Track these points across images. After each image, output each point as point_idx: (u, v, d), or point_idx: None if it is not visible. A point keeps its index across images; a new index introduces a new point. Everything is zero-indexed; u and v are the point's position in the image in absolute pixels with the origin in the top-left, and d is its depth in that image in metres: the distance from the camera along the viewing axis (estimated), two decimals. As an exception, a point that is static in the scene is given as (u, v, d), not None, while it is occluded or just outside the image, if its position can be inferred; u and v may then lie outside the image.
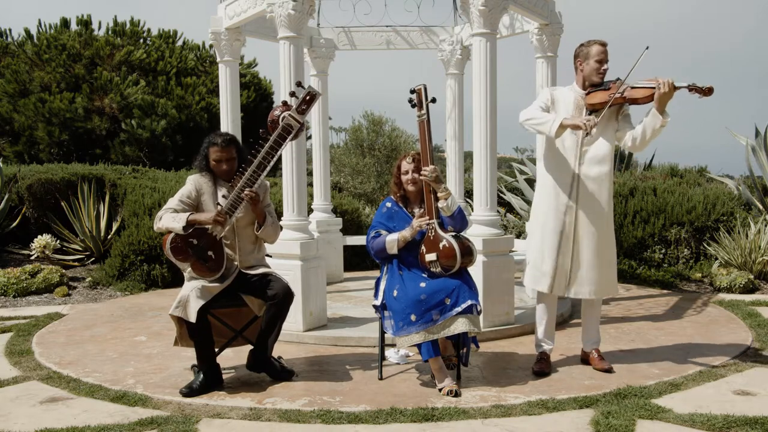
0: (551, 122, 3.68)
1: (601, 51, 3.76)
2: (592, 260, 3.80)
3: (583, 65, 3.82)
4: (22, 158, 11.33)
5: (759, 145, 8.08)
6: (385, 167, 12.36)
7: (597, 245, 3.80)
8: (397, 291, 3.61)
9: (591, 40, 3.83)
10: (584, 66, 3.81)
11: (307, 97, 3.58)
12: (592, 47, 3.78)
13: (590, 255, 3.80)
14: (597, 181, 3.79)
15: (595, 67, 3.77)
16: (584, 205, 3.79)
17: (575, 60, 3.88)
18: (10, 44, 12.58)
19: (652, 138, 3.65)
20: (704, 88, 3.46)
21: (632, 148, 3.77)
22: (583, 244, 3.80)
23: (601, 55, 3.76)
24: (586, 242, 3.79)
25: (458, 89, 6.90)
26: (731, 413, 3.13)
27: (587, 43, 3.82)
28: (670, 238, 7.21)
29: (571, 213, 3.80)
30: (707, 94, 3.48)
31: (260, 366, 3.80)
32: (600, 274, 3.82)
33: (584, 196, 3.79)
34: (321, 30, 6.91)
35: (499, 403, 3.37)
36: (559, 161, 3.84)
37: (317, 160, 6.97)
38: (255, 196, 3.60)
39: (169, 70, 12.51)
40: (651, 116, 3.60)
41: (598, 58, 3.76)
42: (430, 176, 3.57)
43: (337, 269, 6.97)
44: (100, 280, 6.88)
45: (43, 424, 3.14)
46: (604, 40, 3.79)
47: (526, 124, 3.80)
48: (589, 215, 3.79)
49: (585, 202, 3.79)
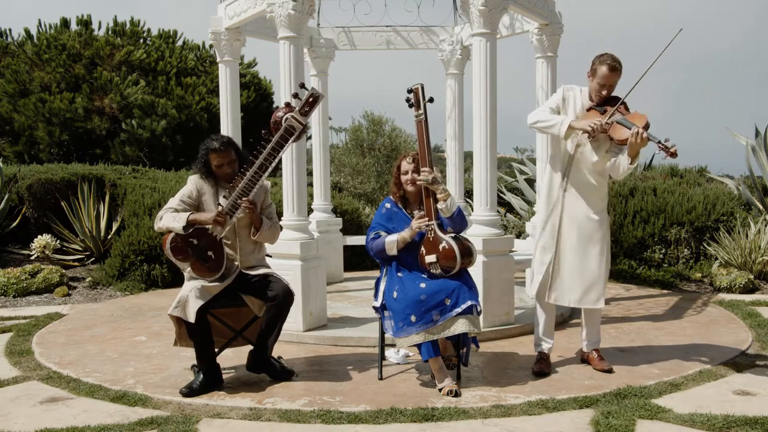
0: (560, 123, 3.69)
1: (606, 75, 3.70)
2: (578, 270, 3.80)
3: (590, 79, 3.82)
4: (22, 158, 11.33)
5: (759, 145, 8.08)
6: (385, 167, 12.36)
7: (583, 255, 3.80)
8: (396, 292, 3.61)
9: (605, 57, 3.72)
10: (591, 80, 3.82)
11: (310, 98, 3.58)
12: (601, 67, 3.72)
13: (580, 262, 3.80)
14: (585, 189, 3.81)
15: (596, 88, 3.78)
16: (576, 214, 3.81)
17: (589, 71, 3.85)
18: (10, 44, 12.58)
19: (623, 176, 3.72)
20: (671, 150, 3.47)
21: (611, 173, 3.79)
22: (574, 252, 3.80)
23: (605, 80, 3.71)
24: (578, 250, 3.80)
25: (458, 89, 6.90)
26: (731, 413, 3.13)
27: (600, 60, 3.73)
28: (670, 238, 7.21)
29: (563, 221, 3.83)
30: (672, 156, 3.51)
31: (260, 366, 3.80)
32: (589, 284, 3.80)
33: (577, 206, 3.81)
34: (321, 30, 6.91)
35: (499, 403, 3.37)
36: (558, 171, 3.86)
37: (317, 160, 6.97)
38: (251, 205, 3.60)
39: (169, 70, 12.51)
40: (623, 157, 3.66)
41: (601, 81, 3.73)
42: (426, 179, 3.56)
43: (337, 269, 6.97)
44: (100, 280, 6.88)
45: (43, 424, 3.14)
46: (615, 63, 3.68)
47: (535, 126, 3.82)
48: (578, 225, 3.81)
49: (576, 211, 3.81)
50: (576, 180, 3.82)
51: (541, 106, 3.93)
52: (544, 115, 3.78)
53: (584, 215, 3.81)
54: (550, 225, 3.88)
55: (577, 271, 3.81)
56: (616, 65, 3.69)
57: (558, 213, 3.85)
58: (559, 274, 3.84)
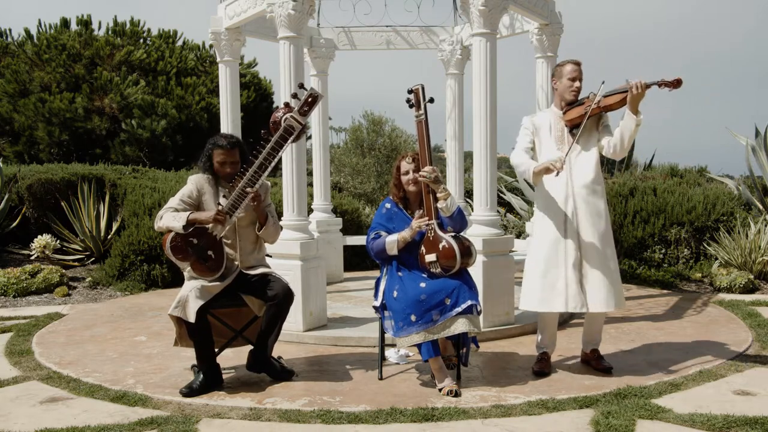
0: (528, 171, 3.75)
1: (574, 69, 3.82)
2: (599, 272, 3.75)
3: (557, 83, 3.88)
4: (22, 158, 11.33)
5: (759, 145, 8.08)
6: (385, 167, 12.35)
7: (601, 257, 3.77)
8: (396, 291, 3.61)
9: (565, 60, 3.90)
10: (558, 84, 3.88)
11: (309, 98, 3.58)
12: (565, 66, 3.86)
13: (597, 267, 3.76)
14: (590, 192, 3.79)
15: (568, 84, 3.82)
16: (583, 218, 3.78)
17: (552, 80, 3.96)
18: (10, 44, 12.58)
19: (630, 140, 3.71)
20: (672, 80, 3.53)
21: (613, 155, 3.78)
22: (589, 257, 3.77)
23: (573, 73, 3.82)
24: (591, 255, 3.76)
25: (458, 89, 6.90)
26: (731, 413, 3.13)
27: (561, 63, 3.90)
28: (670, 238, 7.21)
29: (571, 228, 3.77)
30: (676, 86, 3.54)
31: (260, 366, 3.80)
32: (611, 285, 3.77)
33: (582, 209, 3.78)
34: (321, 30, 6.91)
35: (499, 403, 3.37)
36: (551, 183, 3.83)
37: (317, 160, 6.97)
38: (257, 195, 3.60)
39: (169, 70, 12.51)
40: (626, 118, 3.66)
41: (570, 76, 3.82)
42: (429, 177, 3.56)
43: (337, 269, 6.97)
44: (100, 280, 6.88)
45: (43, 424, 3.14)
46: (577, 60, 3.85)
47: (516, 172, 3.91)
48: (590, 227, 3.77)
49: (584, 215, 3.78)
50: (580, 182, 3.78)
51: (518, 144, 3.93)
52: (519, 159, 3.84)
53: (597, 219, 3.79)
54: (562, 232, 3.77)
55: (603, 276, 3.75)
56: (578, 60, 3.85)
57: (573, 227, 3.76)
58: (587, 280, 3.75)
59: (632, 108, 3.61)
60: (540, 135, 3.91)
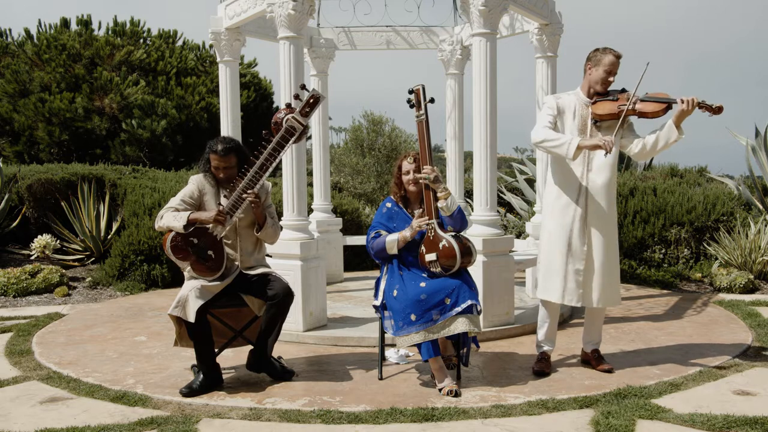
0: (567, 144, 3.63)
1: (613, 62, 3.73)
2: (603, 268, 3.77)
3: (592, 70, 3.79)
4: (22, 158, 11.33)
5: (759, 145, 8.08)
6: (385, 167, 12.35)
7: (607, 252, 3.78)
8: (397, 291, 3.61)
9: (607, 48, 3.78)
10: (592, 71, 3.79)
11: (310, 99, 3.59)
12: (606, 56, 3.75)
13: (601, 263, 3.78)
14: (604, 189, 3.78)
15: (603, 76, 3.75)
16: (594, 213, 3.77)
17: (586, 63, 3.84)
18: (10, 44, 12.58)
19: (662, 150, 3.70)
20: (715, 107, 3.54)
21: (637, 156, 3.78)
22: (595, 251, 3.78)
23: (611, 66, 3.73)
24: (598, 250, 3.77)
25: (458, 89, 6.90)
26: (731, 413, 3.13)
27: (603, 50, 3.78)
28: (670, 238, 7.21)
29: (581, 221, 3.77)
30: (717, 112, 3.55)
31: (260, 366, 3.80)
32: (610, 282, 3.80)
33: (593, 204, 3.77)
34: (321, 30, 6.91)
35: (499, 403, 3.37)
36: (566, 174, 3.81)
37: (317, 160, 6.97)
38: (256, 199, 3.60)
39: (169, 70, 12.51)
40: (667, 129, 3.63)
41: (608, 68, 3.74)
42: (429, 177, 3.57)
43: (337, 269, 6.97)
44: (100, 280, 6.88)
45: (43, 424, 3.14)
46: (619, 52, 3.76)
47: (541, 146, 3.76)
48: (599, 222, 3.78)
49: (594, 210, 3.77)
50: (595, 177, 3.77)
51: (539, 121, 3.84)
52: (549, 134, 3.72)
53: (607, 216, 3.80)
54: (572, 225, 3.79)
55: (605, 272, 3.77)
56: (620, 53, 3.76)
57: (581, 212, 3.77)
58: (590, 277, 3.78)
59: (677, 122, 3.59)
60: (564, 118, 3.82)
